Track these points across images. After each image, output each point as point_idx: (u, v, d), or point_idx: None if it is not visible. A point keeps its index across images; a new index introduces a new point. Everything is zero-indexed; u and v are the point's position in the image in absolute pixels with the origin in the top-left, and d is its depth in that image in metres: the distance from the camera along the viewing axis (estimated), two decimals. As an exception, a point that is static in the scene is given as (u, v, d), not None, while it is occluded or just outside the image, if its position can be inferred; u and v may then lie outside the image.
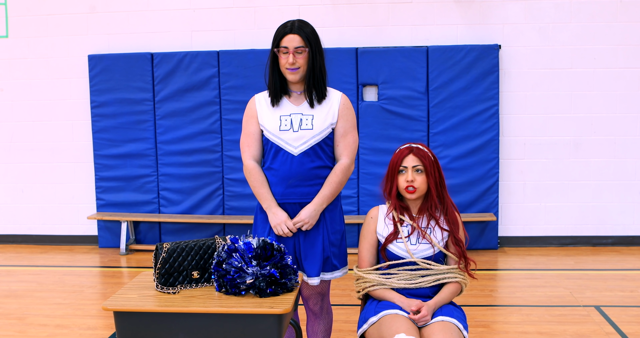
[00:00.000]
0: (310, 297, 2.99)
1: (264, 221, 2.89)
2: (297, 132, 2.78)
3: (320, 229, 2.85)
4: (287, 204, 2.83)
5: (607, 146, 6.18)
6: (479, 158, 6.14)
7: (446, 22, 6.17)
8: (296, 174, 2.79)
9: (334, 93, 2.88)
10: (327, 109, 2.83)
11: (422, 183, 2.71)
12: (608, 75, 6.11)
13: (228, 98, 6.24)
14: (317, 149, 2.81)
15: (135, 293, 2.42)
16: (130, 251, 6.39)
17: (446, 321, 2.56)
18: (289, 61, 2.73)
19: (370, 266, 2.76)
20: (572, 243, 6.31)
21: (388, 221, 2.77)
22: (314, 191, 2.82)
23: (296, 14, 6.22)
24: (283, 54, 2.75)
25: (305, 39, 2.74)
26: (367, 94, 6.21)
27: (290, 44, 2.73)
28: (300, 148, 2.79)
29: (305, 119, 2.80)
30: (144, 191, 6.46)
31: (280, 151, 2.81)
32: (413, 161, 2.71)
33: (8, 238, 6.82)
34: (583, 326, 4.06)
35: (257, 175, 2.85)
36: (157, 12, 6.39)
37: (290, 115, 2.81)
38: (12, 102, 6.65)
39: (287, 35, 2.74)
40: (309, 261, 2.85)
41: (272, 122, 2.81)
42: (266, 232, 2.87)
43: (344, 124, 2.86)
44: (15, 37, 6.56)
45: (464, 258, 2.72)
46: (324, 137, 2.82)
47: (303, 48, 2.74)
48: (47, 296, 4.91)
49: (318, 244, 2.84)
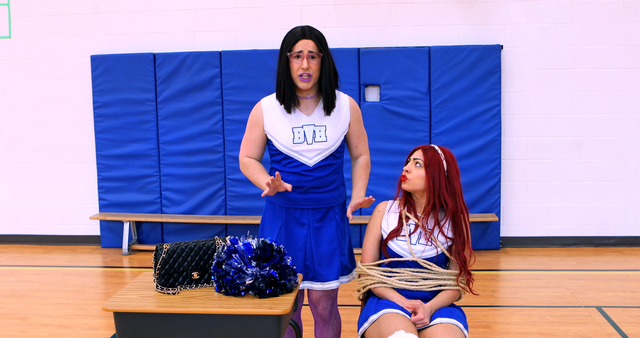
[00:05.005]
0: (320, 302, 2.93)
1: (271, 222, 2.89)
2: (311, 145, 2.77)
3: (336, 232, 2.86)
4: (298, 210, 2.83)
5: (609, 147, 6.18)
6: (481, 158, 6.14)
7: (448, 23, 6.17)
8: (312, 185, 2.79)
9: (341, 98, 2.86)
10: (338, 117, 2.81)
11: (417, 177, 2.71)
12: (610, 75, 6.10)
13: (230, 98, 6.25)
14: (330, 159, 2.82)
15: (135, 294, 2.43)
16: (133, 252, 6.40)
17: (447, 322, 2.56)
18: (302, 66, 2.68)
19: (372, 261, 2.77)
20: (575, 244, 6.30)
21: (394, 217, 2.77)
22: (328, 197, 2.83)
23: (298, 15, 6.23)
24: (296, 59, 2.70)
25: (319, 44, 2.71)
26: (369, 94, 6.21)
27: (304, 48, 2.68)
28: (315, 159, 2.78)
29: (319, 130, 2.77)
30: (146, 192, 6.47)
31: (294, 161, 2.79)
32: (416, 155, 2.75)
33: (11, 238, 6.84)
34: (584, 327, 4.05)
35: (254, 163, 2.84)
36: (159, 13, 6.40)
37: (302, 127, 2.77)
38: (15, 103, 6.67)
39: (300, 40, 2.69)
40: (326, 266, 2.84)
41: (285, 135, 2.77)
42: (275, 233, 2.86)
43: (358, 127, 2.89)
44: (18, 37, 6.58)
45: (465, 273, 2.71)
46: (337, 147, 2.83)
47: (317, 53, 2.71)
48: (49, 296, 4.93)
49: (335, 247, 2.85)
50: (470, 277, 2.73)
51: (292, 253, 2.83)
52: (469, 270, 2.72)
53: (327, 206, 2.84)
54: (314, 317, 3.02)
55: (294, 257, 2.83)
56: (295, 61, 2.70)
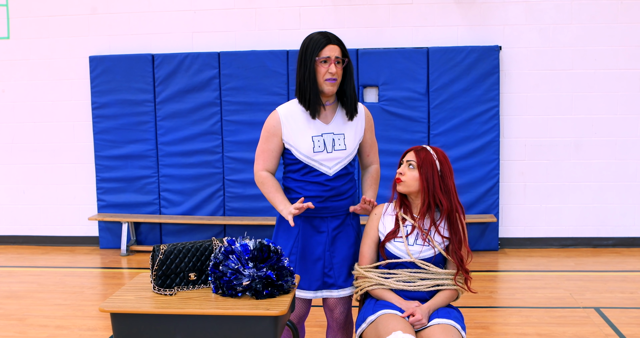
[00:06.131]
0: (337, 306, 2.91)
1: (286, 230, 2.86)
2: (330, 153, 2.78)
3: (353, 238, 2.88)
4: (317, 219, 2.83)
5: (607, 147, 6.18)
6: (479, 159, 6.14)
7: (447, 23, 6.17)
8: (331, 194, 2.80)
9: (359, 106, 2.88)
10: (355, 125, 2.83)
11: (411, 179, 2.72)
12: (609, 76, 6.10)
13: (229, 99, 6.25)
14: (348, 167, 2.85)
15: (132, 295, 2.43)
16: (131, 252, 6.40)
17: (445, 324, 2.56)
18: (330, 71, 2.69)
19: (370, 264, 2.77)
20: (573, 245, 6.30)
21: (390, 219, 2.78)
22: (344, 204, 2.85)
23: (297, 15, 6.23)
24: (323, 64, 2.70)
25: (344, 50, 2.75)
26: (367, 95, 6.21)
27: (332, 53, 2.70)
28: (334, 168, 2.79)
29: (338, 138, 2.78)
30: (144, 192, 6.47)
31: (314, 171, 2.79)
32: (409, 157, 2.76)
33: (9, 238, 6.84)
34: (583, 328, 4.05)
35: (271, 181, 2.82)
36: (158, 14, 6.40)
37: (322, 135, 2.77)
38: (13, 104, 6.67)
39: (328, 45, 2.70)
40: (345, 272, 2.85)
41: (305, 144, 2.76)
42: (291, 242, 2.84)
43: (371, 136, 2.93)
44: (16, 38, 6.58)
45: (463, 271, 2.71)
46: (354, 155, 2.87)
47: (342, 59, 2.73)
48: (47, 297, 4.92)
49: (354, 252, 2.87)
50: (468, 276, 2.73)
51: (310, 262, 2.83)
52: (467, 269, 2.72)
53: (344, 213, 2.87)
54: (329, 322, 3.00)
55: (312, 266, 2.83)
56: (323, 65, 2.71)
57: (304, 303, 2.89)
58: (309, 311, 2.96)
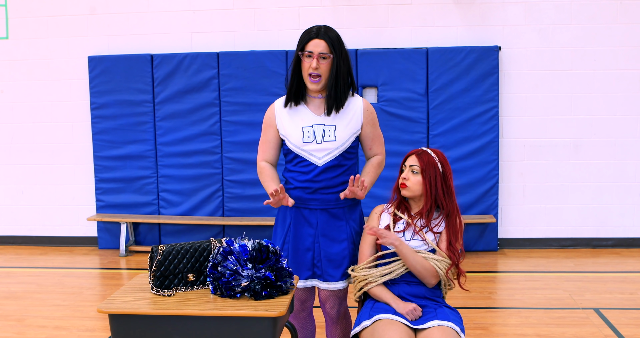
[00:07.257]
0: (327, 300, 2.93)
1: (283, 220, 2.90)
2: (320, 144, 2.79)
3: (348, 233, 2.87)
4: (306, 210, 2.84)
5: (607, 148, 6.17)
6: (478, 159, 6.13)
7: (446, 24, 6.17)
8: (320, 185, 2.80)
9: (355, 100, 2.87)
10: (348, 118, 2.82)
11: (416, 184, 2.74)
12: (608, 76, 6.10)
13: (228, 100, 6.24)
14: (340, 159, 2.82)
15: (130, 296, 2.42)
16: (130, 253, 6.39)
17: (444, 325, 2.56)
18: (312, 66, 2.71)
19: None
20: (572, 245, 6.30)
21: (387, 217, 2.81)
22: (336, 197, 2.83)
23: (296, 16, 6.23)
24: (307, 58, 2.74)
25: (331, 46, 2.73)
26: (366, 95, 6.21)
27: (315, 48, 2.71)
28: (324, 159, 2.79)
29: (328, 130, 2.79)
30: (143, 193, 6.46)
31: (304, 161, 2.81)
32: (412, 161, 2.77)
33: (8, 239, 6.83)
34: (582, 328, 4.05)
35: (268, 171, 2.86)
36: (157, 14, 6.40)
37: (312, 126, 2.79)
38: (12, 104, 6.66)
39: (312, 40, 2.73)
40: (335, 266, 2.85)
41: (295, 134, 2.80)
42: (284, 232, 2.87)
43: (372, 129, 2.89)
44: (15, 38, 6.57)
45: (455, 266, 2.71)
46: (347, 147, 2.83)
47: (328, 54, 2.73)
48: (46, 297, 4.91)
49: (345, 248, 2.85)
50: (462, 271, 2.73)
51: (300, 251, 2.86)
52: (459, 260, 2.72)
53: (336, 207, 2.85)
54: (324, 316, 3.03)
55: (302, 256, 2.85)
56: (307, 60, 2.74)
57: (302, 290, 2.93)
58: (311, 298, 2.98)
